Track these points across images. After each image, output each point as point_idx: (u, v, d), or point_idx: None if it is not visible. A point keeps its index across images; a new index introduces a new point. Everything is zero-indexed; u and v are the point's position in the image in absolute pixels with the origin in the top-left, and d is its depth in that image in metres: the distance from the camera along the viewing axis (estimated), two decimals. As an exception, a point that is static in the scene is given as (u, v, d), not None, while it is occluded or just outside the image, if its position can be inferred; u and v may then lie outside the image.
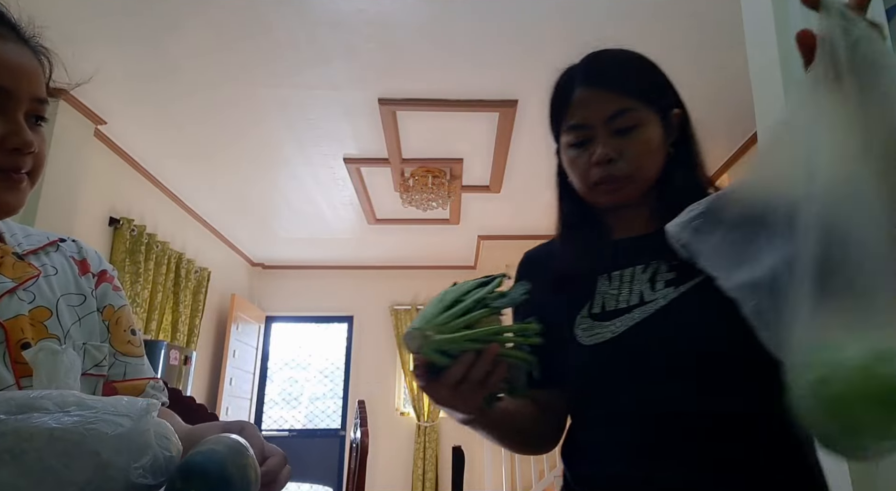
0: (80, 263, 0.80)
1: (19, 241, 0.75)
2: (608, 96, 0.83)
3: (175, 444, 0.55)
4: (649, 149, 0.84)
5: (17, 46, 0.67)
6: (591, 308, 0.84)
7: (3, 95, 0.63)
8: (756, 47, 1.54)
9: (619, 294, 0.83)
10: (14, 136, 0.64)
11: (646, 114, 0.84)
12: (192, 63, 2.97)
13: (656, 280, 0.81)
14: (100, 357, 0.76)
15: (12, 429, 0.46)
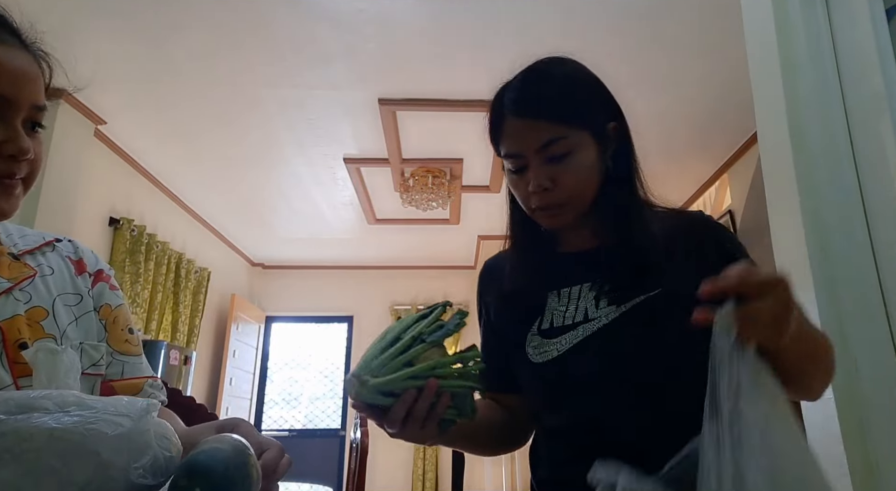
0: (76, 262, 0.80)
1: (15, 242, 0.75)
2: (537, 126, 0.82)
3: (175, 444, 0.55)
4: (583, 173, 0.83)
5: (19, 52, 0.67)
6: (541, 324, 0.86)
7: (3, 103, 0.63)
8: (756, 47, 1.54)
9: (565, 311, 0.86)
10: (11, 143, 0.63)
11: (578, 138, 0.82)
12: (193, 63, 2.97)
13: (601, 298, 0.84)
14: (97, 356, 0.76)
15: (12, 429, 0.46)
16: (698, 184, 4.30)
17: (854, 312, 1.22)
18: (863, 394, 1.17)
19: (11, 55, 0.65)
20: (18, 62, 0.65)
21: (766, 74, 1.47)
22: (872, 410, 1.15)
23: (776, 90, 1.41)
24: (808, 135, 1.34)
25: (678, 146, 3.74)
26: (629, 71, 2.97)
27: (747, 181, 3.70)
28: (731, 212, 3.90)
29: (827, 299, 1.24)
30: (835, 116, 1.34)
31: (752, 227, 3.68)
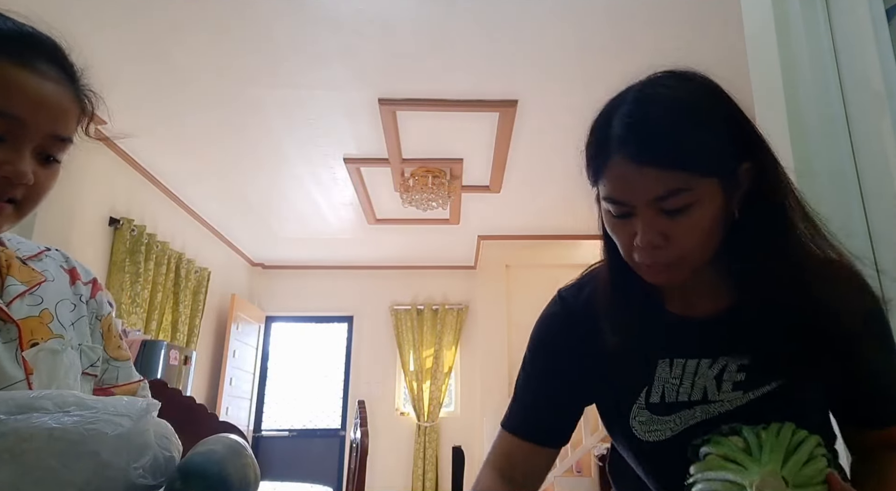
0: (69, 271, 0.82)
1: (17, 248, 0.77)
2: (654, 174, 0.65)
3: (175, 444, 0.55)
4: (704, 228, 0.68)
5: (51, 82, 0.66)
6: (650, 396, 0.76)
7: (15, 124, 0.63)
8: (756, 47, 1.53)
9: (679, 385, 0.75)
10: (9, 165, 0.63)
11: (701, 188, 0.66)
12: (193, 63, 2.97)
13: (723, 379, 0.74)
14: (94, 357, 0.79)
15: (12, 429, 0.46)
16: (698, 184, 4.30)
17: (854, 312, 1.22)
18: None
19: (39, 82, 0.65)
20: (47, 92, 0.65)
21: (766, 74, 1.47)
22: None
23: (776, 90, 1.41)
24: (808, 135, 1.34)
25: (678, 146, 3.73)
26: (628, 69, 2.96)
27: (747, 181, 3.69)
28: (731, 212, 3.89)
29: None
30: (835, 116, 1.34)
31: (752, 227, 3.67)
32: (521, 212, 4.80)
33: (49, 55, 0.68)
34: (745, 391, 0.73)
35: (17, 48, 0.65)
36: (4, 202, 0.64)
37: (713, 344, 0.75)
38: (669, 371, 0.76)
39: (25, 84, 0.64)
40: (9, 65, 0.63)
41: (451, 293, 6.27)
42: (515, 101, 3.32)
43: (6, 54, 0.63)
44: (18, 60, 0.64)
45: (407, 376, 6.03)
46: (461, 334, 6.17)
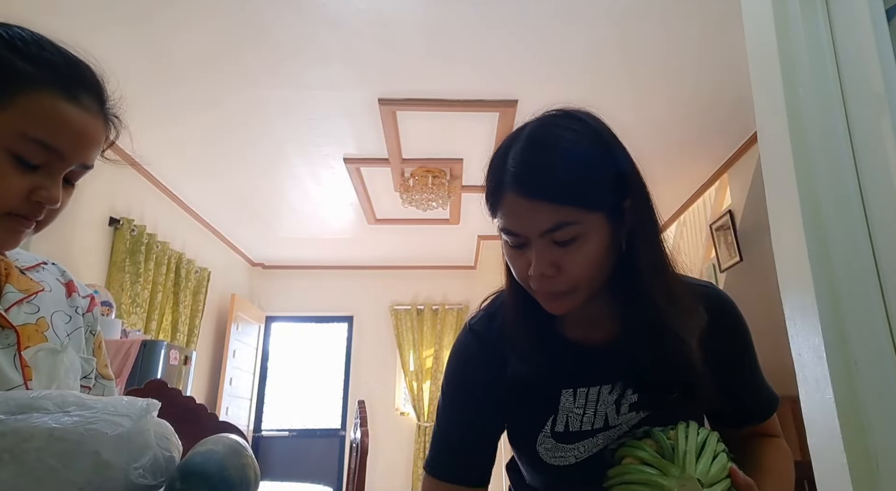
0: (66, 284, 0.84)
1: (16, 258, 0.78)
2: (542, 207, 0.70)
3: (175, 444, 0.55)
4: (593, 259, 0.73)
5: (93, 117, 0.69)
6: (555, 426, 0.81)
7: (56, 156, 0.66)
8: (756, 47, 1.53)
9: (583, 414, 0.81)
10: (44, 191, 0.66)
11: (588, 221, 0.71)
12: (193, 64, 2.97)
13: (622, 403, 0.80)
14: (88, 369, 0.80)
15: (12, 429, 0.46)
16: (698, 184, 4.30)
17: (854, 312, 1.22)
18: (863, 394, 1.17)
19: (82, 117, 0.68)
20: (87, 126, 0.68)
21: (766, 74, 1.47)
22: (872, 410, 1.15)
23: (776, 90, 1.41)
24: (808, 135, 1.34)
25: (678, 146, 3.74)
26: (628, 71, 2.97)
27: (747, 181, 3.70)
28: (731, 212, 3.90)
29: (827, 299, 1.23)
30: (835, 116, 1.34)
31: (752, 227, 3.68)
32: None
33: (93, 89, 0.71)
34: (639, 411, 0.80)
35: (66, 80, 0.67)
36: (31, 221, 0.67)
37: (611, 370, 0.80)
38: (573, 400, 0.81)
39: (71, 119, 0.66)
40: (59, 98, 0.66)
41: (451, 293, 6.27)
42: (515, 101, 3.33)
43: (57, 86, 0.66)
44: (67, 93, 0.66)
45: (407, 376, 6.03)
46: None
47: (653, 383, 0.79)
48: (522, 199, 0.71)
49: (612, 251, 0.75)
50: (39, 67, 0.66)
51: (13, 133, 0.63)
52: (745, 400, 0.87)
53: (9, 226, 0.66)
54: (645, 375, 0.79)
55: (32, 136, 0.63)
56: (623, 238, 0.75)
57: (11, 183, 0.63)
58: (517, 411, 0.84)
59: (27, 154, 0.64)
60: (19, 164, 0.64)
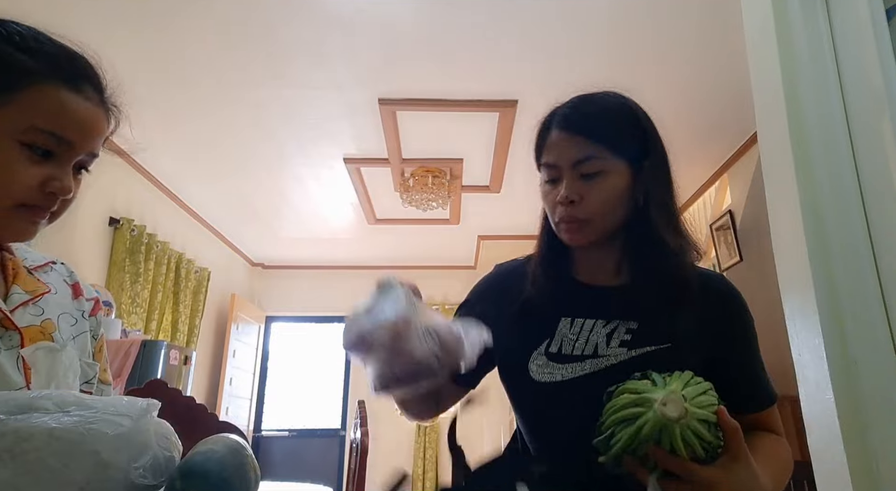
0: (72, 286, 0.84)
1: (25, 257, 0.79)
2: (577, 141, 0.87)
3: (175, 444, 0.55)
4: (610, 196, 0.87)
5: (95, 105, 0.72)
6: (549, 347, 0.89)
7: (65, 146, 0.68)
8: (756, 47, 1.53)
9: (576, 341, 0.88)
10: (56, 181, 0.68)
11: (613, 163, 0.87)
12: (193, 64, 2.97)
13: (612, 337, 0.87)
14: (91, 374, 0.81)
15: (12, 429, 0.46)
16: (698, 184, 4.29)
17: (854, 312, 1.22)
18: (863, 394, 1.17)
19: (87, 106, 0.71)
20: (91, 114, 0.71)
21: (766, 74, 1.47)
22: (872, 410, 1.15)
23: (776, 90, 1.41)
24: (808, 135, 1.34)
25: (678, 146, 3.69)
26: (628, 72, 2.97)
27: (747, 181, 3.70)
28: (731, 212, 3.90)
29: (827, 299, 1.23)
30: (835, 116, 1.34)
31: (752, 227, 3.68)
32: (521, 212, 4.79)
33: (93, 79, 0.74)
34: (629, 348, 0.86)
35: (68, 72, 0.69)
36: (45, 211, 0.69)
37: (608, 308, 0.90)
38: (570, 327, 0.89)
39: (77, 108, 0.69)
40: (63, 89, 0.68)
41: (451, 293, 6.27)
42: (515, 101, 3.32)
43: (60, 78, 0.68)
44: (71, 85, 0.69)
45: (407, 376, 6.03)
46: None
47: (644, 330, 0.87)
48: (564, 133, 0.89)
49: (627, 199, 0.88)
50: (41, 60, 0.68)
51: (23, 125, 0.65)
52: (740, 383, 0.90)
53: (24, 217, 0.68)
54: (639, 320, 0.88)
55: (41, 127, 0.66)
56: (640, 194, 0.89)
57: (25, 174, 0.65)
58: (517, 331, 0.92)
59: (38, 144, 0.65)
60: (31, 155, 0.66)
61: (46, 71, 0.67)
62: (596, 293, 0.92)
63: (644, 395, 0.72)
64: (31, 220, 0.68)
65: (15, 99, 0.65)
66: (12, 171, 0.65)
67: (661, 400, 0.69)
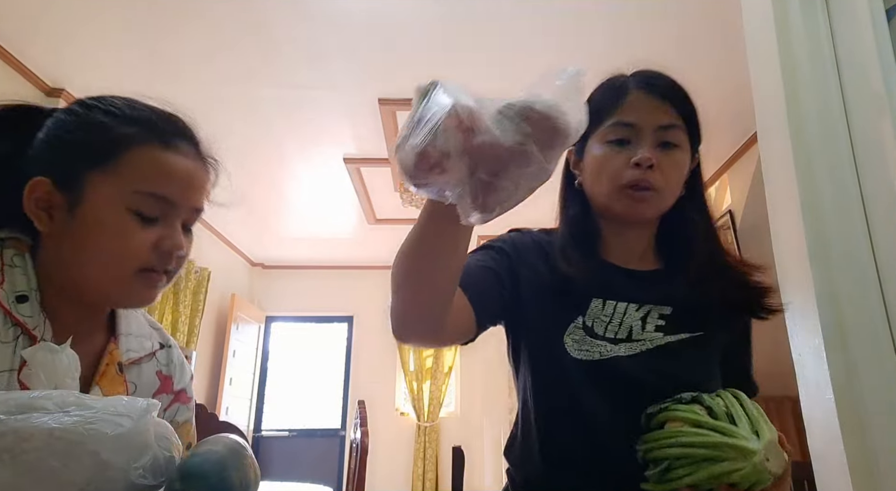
0: (164, 378, 0.82)
1: (129, 347, 0.77)
2: (664, 107, 0.85)
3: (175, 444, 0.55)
4: (680, 173, 0.86)
5: (193, 161, 0.73)
6: (585, 323, 0.84)
7: (168, 205, 0.70)
8: (756, 47, 1.53)
9: (608, 322, 0.84)
10: (168, 240, 0.70)
11: (685, 140, 0.86)
12: (192, 64, 2.97)
13: (647, 321, 0.84)
14: None
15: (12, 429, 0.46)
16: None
17: (854, 312, 1.22)
18: (863, 394, 1.17)
19: (183, 162, 0.72)
20: (190, 170, 0.72)
21: (766, 74, 1.47)
22: (872, 410, 1.15)
23: (776, 90, 1.41)
24: (808, 135, 1.34)
25: (678, 146, 3.73)
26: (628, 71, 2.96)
27: (747, 181, 3.70)
28: (731, 212, 3.90)
29: (827, 299, 1.23)
30: (835, 116, 1.34)
31: (752, 227, 3.68)
32: (521, 212, 4.79)
33: (187, 135, 0.75)
34: (665, 334, 0.83)
35: (160, 132, 0.72)
36: (162, 274, 0.71)
37: (641, 293, 0.86)
38: (601, 308, 0.85)
39: (175, 167, 0.71)
40: (158, 149, 0.70)
41: (451, 293, 6.27)
42: (515, 101, 3.32)
43: (153, 139, 0.70)
44: (166, 144, 0.71)
45: (407, 376, 6.03)
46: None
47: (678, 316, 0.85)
48: (651, 96, 0.86)
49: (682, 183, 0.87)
50: (136, 126, 0.70)
51: (127, 191, 0.67)
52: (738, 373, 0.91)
53: (145, 282, 0.70)
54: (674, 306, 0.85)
55: (145, 190, 0.68)
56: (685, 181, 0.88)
57: (139, 238, 0.68)
58: (550, 303, 0.85)
59: (144, 208, 0.68)
60: (140, 220, 0.68)
61: (142, 134, 0.70)
62: (629, 276, 0.88)
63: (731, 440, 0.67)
64: (152, 284, 0.70)
65: (117, 166, 0.68)
66: (127, 238, 0.67)
67: (764, 454, 0.66)
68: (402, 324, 0.70)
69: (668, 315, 0.84)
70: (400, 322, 0.70)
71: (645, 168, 0.81)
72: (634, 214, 0.86)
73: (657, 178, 0.82)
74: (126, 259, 0.67)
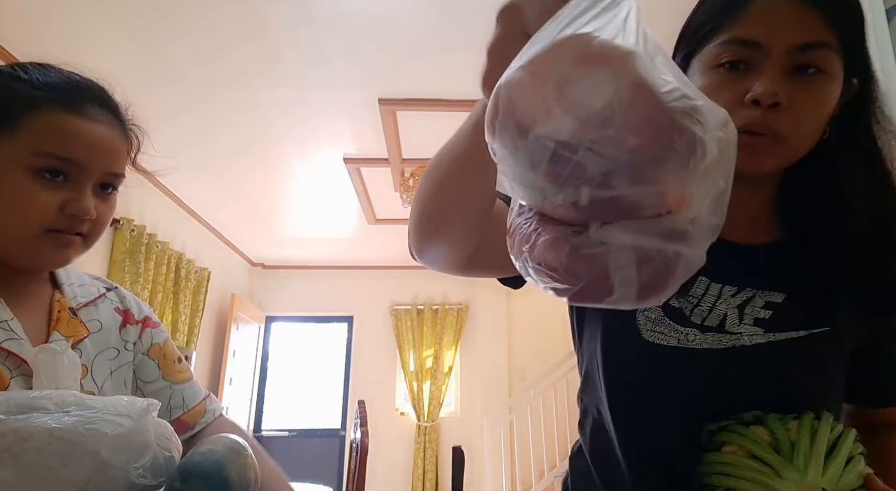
0: (123, 313, 0.84)
1: (75, 293, 0.79)
2: (807, 17, 0.58)
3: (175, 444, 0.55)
4: (820, 114, 0.60)
5: (102, 124, 0.73)
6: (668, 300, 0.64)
7: (75, 167, 0.70)
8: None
9: (696, 305, 0.66)
10: (74, 203, 0.69)
11: (837, 62, 0.59)
12: (192, 64, 2.97)
13: (745, 312, 0.65)
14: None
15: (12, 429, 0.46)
16: (698, 184, 4.30)
17: (854, 312, 1.21)
18: (863, 394, 1.17)
19: (92, 126, 0.72)
20: (97, 134, 0.72)
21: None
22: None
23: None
24: (808, 135, 1.34)
25: (678, 146, 3.73)
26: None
27: (747, 181, 3.70)
28: (731, 212, 3.89)
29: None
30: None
31: (752, 227, 3.67)
32: (521, 212, 4.79)
33: (97, 99, 0.74)
34: (767, 331, 0.65)
35: (68, 97, 0.71)
36: (74, 236, 0.71)
37: (742, 273, 0.66)
38: (690, 285, 0.66)
39: (80, 130, 0.70)
40: (62, 113, 0.70)
41: (451, 293, 6.27)
42: (515, 101, 3.32)
43: (59, 103, 0.70)
44: (71, 107, 0.71)
45: (407, 376, 6.03)
46: (461, 334, 6.17)
47: (792, 306, 0.65)
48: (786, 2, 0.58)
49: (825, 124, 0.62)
50: (41, 89, 0.70)
51: (27, 151, 0.67)
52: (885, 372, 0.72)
53: (53, 242, 0.70)
54: (789, 292, 0.65)
55: (44, 150, 0.68)
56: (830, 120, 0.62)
57: (40, 199, 0.67)
58: None
59: (46, 167, 0.68)
60: (42, 180, 0.68)
61: (46, 97, 0.70)
62: (732, 251, 0.65)
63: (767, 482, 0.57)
64: (60, 245, 0.70)
65: (18, 128, 0.68)
66: (28, 199, 0.67)
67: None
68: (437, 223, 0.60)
69: (778, 304, 0.65)
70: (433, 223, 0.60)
71: (767, 107, 0.57)
72: (746, 169, 0.54)
73: (785, 123, 0.58)
74: (28, 219, 0.67)
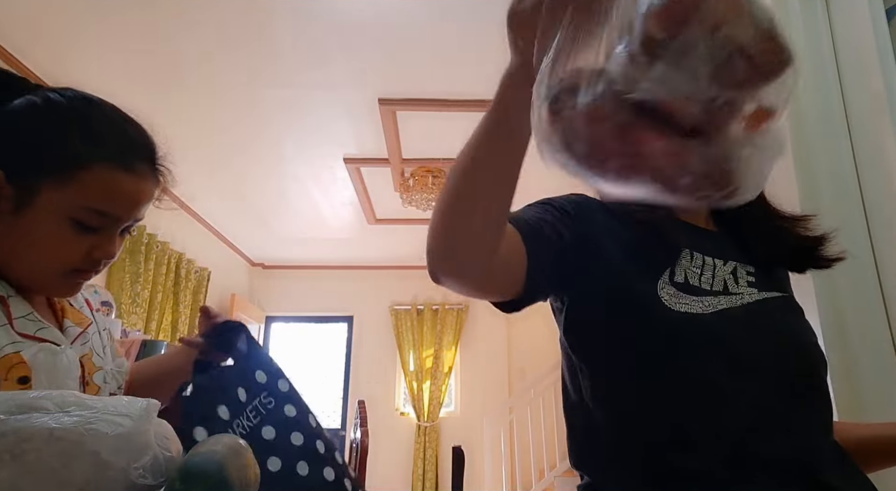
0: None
1: None
2: None
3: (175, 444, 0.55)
4: None
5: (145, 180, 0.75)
6: (673, 276, 0.74)
7: (110, 220, 0.73)
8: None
9: (701, 274, 0.76)
10: (101, 250, 0.73)
11: None
12: (192, 64, 2.97)
13: (738, 277, 0.78)
14: (121, 380, 0.85)
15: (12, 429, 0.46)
16: (698, 184, 4.30)
17: (854, 312, 1.22)
18: (863, 394, 1.17)
19: (137, 183, 0.74)
20: (141, 189, 0.75)
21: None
22: (872, 409, 1.15)
23: (776, 90, 1.41)
24: (808, 135, 1.34)
25: (678, 146, 3.73)
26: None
27: (747, 181, 3.70)
28: (731, 212, 3.90)
29: (827, 299, 1.24)
30: (835, 116, 1.34)
31: (752, 227, 3.67)
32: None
33: (146, 154, 0.76)
34: (759, 290, 0.78)
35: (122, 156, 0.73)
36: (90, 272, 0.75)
37: (725, 249, 0.82)
38: (690, 260, 0.77)
39: (127, 188, 0.73)
40: (115, 171, 0.72)
41: (451, 293, 6.24)
42: (515, 101, 3.33)
43: (113, 161, 0.72)
44: (124, 165, 0.73)
45: (407, 376, 6.03)
46: (461, 334, 6.17)
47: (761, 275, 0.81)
48: None
49: None
50: (98, 146, 0.72)
51: (76, 205, 0.70)
52: None
53: (73, 281, 0.75)
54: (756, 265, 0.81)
55: (93, 207, 0.71)
56: None
57: (74, 246, 0.71)
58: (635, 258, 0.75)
59: (87, 221, 0.71)
60: (80, 229, 0.71)
61: (101, 154, 0.71)
62: (703, 232, 0.84)
63: None
64: (77, 281, 0.75)
65: (70, 180, 0.69)
66: (62, 244, 0.71)
67: None
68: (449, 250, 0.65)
69: (754, 272, 0.80)
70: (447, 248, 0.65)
71: None
72: None
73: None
74: (57, 260, 0.71)
